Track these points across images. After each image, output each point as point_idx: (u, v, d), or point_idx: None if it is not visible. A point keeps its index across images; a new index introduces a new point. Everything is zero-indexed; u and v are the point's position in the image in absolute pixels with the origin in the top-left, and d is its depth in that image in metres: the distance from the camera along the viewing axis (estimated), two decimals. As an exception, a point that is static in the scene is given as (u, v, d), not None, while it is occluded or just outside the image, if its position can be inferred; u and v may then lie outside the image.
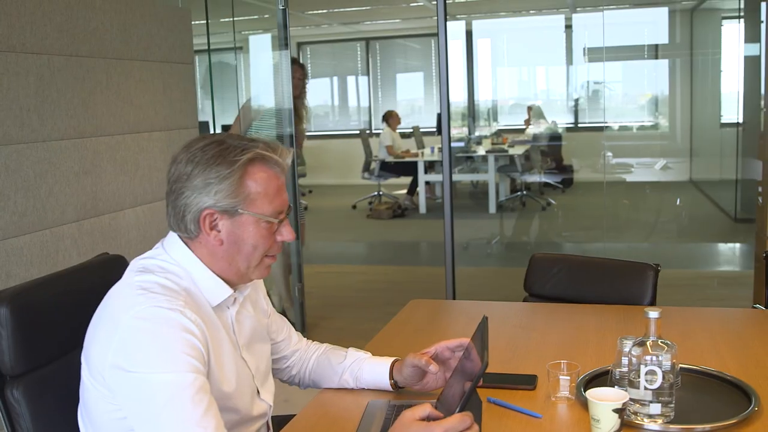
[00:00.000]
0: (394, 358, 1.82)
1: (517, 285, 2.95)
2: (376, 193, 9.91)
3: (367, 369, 1.81)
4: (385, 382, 1.79)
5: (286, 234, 1.50)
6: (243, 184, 1.42)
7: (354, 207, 9.89)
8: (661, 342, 1.62)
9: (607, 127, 9.51)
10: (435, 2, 4.25)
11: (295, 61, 4.75)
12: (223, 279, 1.49)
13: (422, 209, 9.34)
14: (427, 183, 9.40)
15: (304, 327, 4.70)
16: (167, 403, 1.28)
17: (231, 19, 5.44)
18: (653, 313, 1.62)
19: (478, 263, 6.82)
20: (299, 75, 4.80)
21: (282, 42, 4.65)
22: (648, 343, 1.62)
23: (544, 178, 9.42)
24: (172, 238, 1.50)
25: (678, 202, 8.51)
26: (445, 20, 4.38)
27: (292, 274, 4.78)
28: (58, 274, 1.67)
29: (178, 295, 1.39)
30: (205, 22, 4.63)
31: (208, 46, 4.58)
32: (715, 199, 8.46)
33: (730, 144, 8.10)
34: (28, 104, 2.68)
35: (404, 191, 9.62)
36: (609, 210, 7.63)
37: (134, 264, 1.48)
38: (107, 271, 1.68)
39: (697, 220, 8.12)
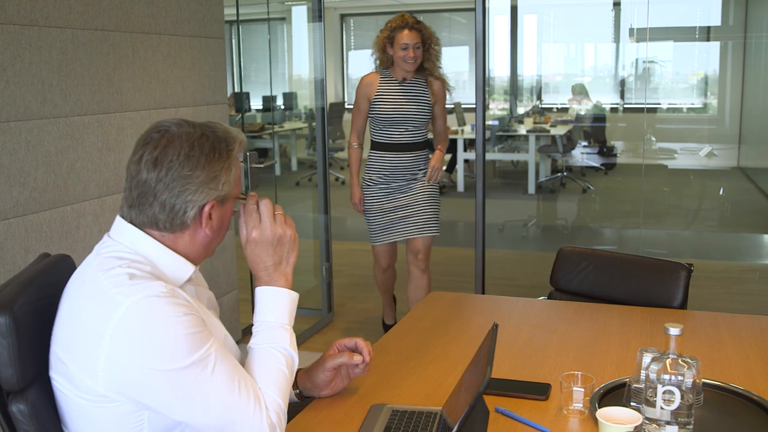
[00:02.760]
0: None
1: (549, 272, 2.85)
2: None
3: None
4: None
5: (233, 211, 1.56)
6: (235, 171, 1.48)
7: (391, 182, 9.81)
8: (682, 360, 1.53)
9: (654, 108, 9.25)
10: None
11: (404, 23, 3.84)
12: (185, 258, 1.48)
13: (460, 187, 9.21)
14: (466, 161, 9.26)
15: (330, 307, 4.66)
16: (211, 379, 1.34)
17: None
18: (674, 330, 1.53)
19: (513, 246, 6.70)
20: (413, 40, 3.80)
21: (315, 14, 4.56)
22: (667, 361, 1.53)
23: (586, 160, 9.22)
24: (121, 226, 1.46)
25: (721, 192, 8.26)
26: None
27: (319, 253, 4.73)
28: (31, 278, 1.53)
29: (154, 279, 1.37)
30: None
31: (237, 17, 4.50)
32: (763, 187, 8.19)
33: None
34: (51, 79, 2.64)
35: (444, 168, 9.50)
36: (649, 195, 7.44)
37: (91, 263, 1.43)
38: (59, 272, 1.58)
39: (742, 210, 7.87)
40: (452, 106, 10.62)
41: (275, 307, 1.54)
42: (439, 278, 5.27)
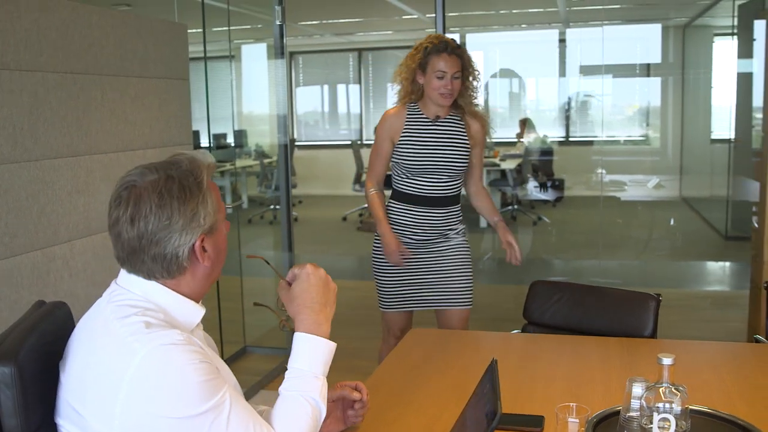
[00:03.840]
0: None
1: (511, 303, 2.95)
2: (366, 205, 9.85)
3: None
4: None
5: (228, 225, 1.57)
6: (212, 199, 1.47)
7: (344, 219, 9.84)
8: (674, 389, 1.59)
9: (598, 141, 9.51)
10: (432, 15, 4.24)
11: (442, 45, 3.05)
12: (191, 299, 1.48)
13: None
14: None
15: (295, 345, 4.64)
16: (228, 425, 1.34)
17: (227, 28, 5.40)
18: (667, 360, 1.59)
19: (470, 279, 6.77)
20: (452, 67, 3.04)
21: (278, 54, 4.61)
22: (661, 389, 1.58)
23: (535, 194, 9.40)
24: (127, 275, 1.46)
25: (672, 222, 8.51)
26: (444, 33, 4.36)
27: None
28: (32, 326, 1.52)
29: (169, 327, 1.38)
30: (196, 31, 4.58)
31: (205, 54, 4.52)
32: (705, 216, 8.47)
33: (720, 161, 8.12)
34: (22, 122, 2.61)
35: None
36: (600, 227, 7.62)
37: (104, 310, 1.43)
38: (58, 320, 1.58)
39: (689, 239, 8.12)
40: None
41: (312, 355, 1.54)
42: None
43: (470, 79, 3.14)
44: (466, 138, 3.17)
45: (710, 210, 8.43)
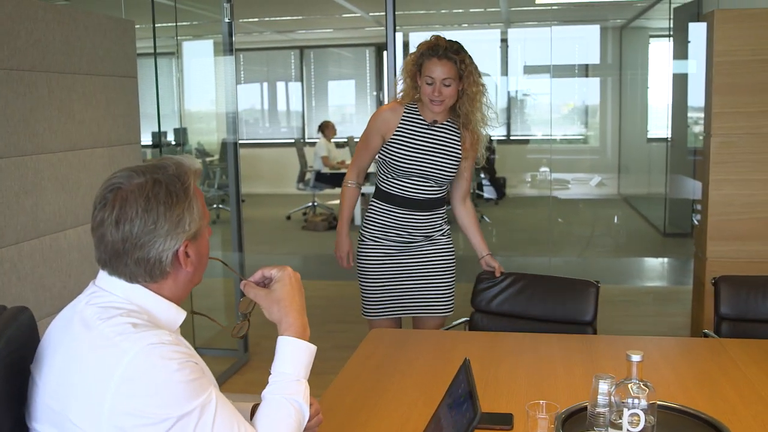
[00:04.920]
0: (254, 403, 1.72)
1: (458, 300, 3.03)
2: (310, 204, 9.82)
3: None
4: None
5: (210, 231, 1.55)
6: (198, 205, 1.46)
7: (288, 218, 9.78)
8: (643, 384, 1.62)
9: (537, 140, 9.66)
10: (375, 14, 4.24)
11: (433, 48, 2.88)
12: (172, 301, 1.48)
13: (357, 220, 9.29)
14: (362, 194, 9.34)
15: (246, 347, 4.58)
16: (213, 425, 1.33)
17: (174, 24, 5.32)
18: (636, 357, 1.62)
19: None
20: (442, 73, 2.86)
21: (227, 51, 4.56)
22: (630, 385, 1.62)
23: (477, 191, 9.49)
24: (107, 277, 1.44)
25: (615, 220, 8.70)
26: (395, 32, 4.38)
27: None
28: None
29: (156, 328, 1.37)
30: (143, 26, 4.50)
31: (155, 50, 4.43)
32: (644, 214, 8.68)
33: (657, 159, 8.33)
34: (-34, 121, 2.52)
35: (338, 202, 9.55)
36: (543, 224, 7.74)
37: (83, 311, 1.39)
38: (22, 326, 1.53)
39: (629, 236, 8.31)
40: (345, 139, 10.72)
41: (296, 359, 1.54)
42: (346, 312, 5.29)
43: (472, 87, 2.91)
44: (459, 147, 2.99)
45: (648, 207, 8.66)
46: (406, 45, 9.77)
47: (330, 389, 2.07)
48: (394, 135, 2.98)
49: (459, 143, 3.00)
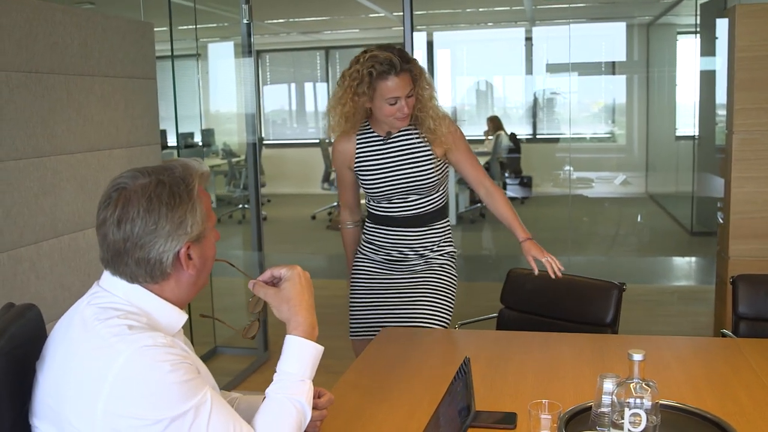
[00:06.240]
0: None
1: (482, 300, 3.03)
2: (335, 203, 9.85)
3: (243, 408, 1.73)
4: None
5: (217, 235, 1.57)
6: (201, 208, 1.46)
7: (313, 217, 9.82)
8: (645, 384, 1.61)
9: (564, 138, 9.59)
10: (399, 13, 4.23)
11: (388, 66, 2.60)
12: (175, 304, 1.48)
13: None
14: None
15: (266, 346, 4.62)
16: (208, 425, 1.34)
17: (194, 26, 5.36)
18: (637, 356, 1.60)
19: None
20: (404, 89, 2.64)
21: (246, 53, 4.59)
22: (632, 385, 1.60)
23: (503, 190, 9.44)
24: (112, 279, 1.46)
25: (639, 219, 8.61)
26: (412, 32, 4.37)
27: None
28: (2, 329, 1.48)
29: (152, 330, 1.38)
30: (162, 29, 4.55)
31: (172, 53, 4.48)
32: (671, 212, 8.59)
33: (685, 157, 8.23)
34: (-15, 123, 2.57)
35: (364, 201, 9.58)
36: (568, 223, 7.68)
37: (83, 311, 1.42)
38: (28, 323, 1.56)
39: (655, 234, 8.22)
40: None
41: (303, 359, 1.54)
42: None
43: (425, 86, 2.71)
44: (426, 150, 2.76)
45: (676, 206, 8.55)
46: (430, 44, 9.80)
47: (337, 386, 2.08)
48: (356, 162, 2.81)
49: (424, 145, 2.76)
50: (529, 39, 9.87)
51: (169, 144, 9.98)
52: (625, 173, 9.37)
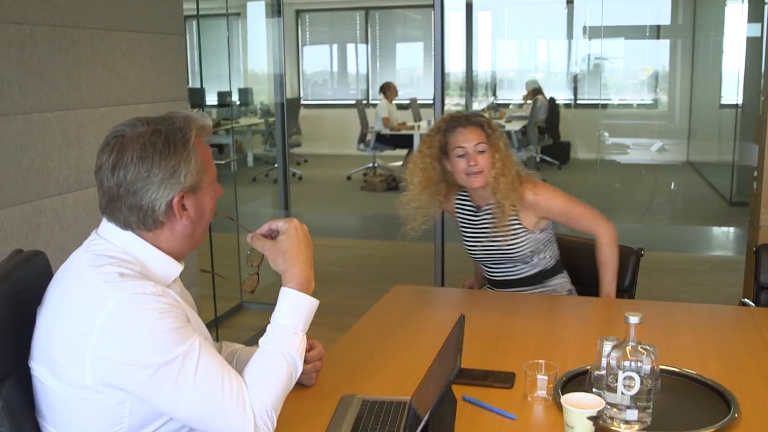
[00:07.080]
0: None
1: None
2: (370, 164, 9.85)
3: (244, 358, 1.75)
4: None
5: (219, 190, 1.57)
6: (197, 158, 1.47)
7: (348, 178, 9.84)
8: (641, 347, 1.59)
9: (606, 104, 9.43)
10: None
11: (454, 120, 2.64)
12: (171, 255, 1.50)
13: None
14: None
15: (291, 302, 4.67)
16: (195, 373, 1.36)
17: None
18: (633, 318, 1.59)
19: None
20: (472, 139, 2.57)
21: (275, 10, 4.58)
22: (627, 348, 1.59)
23: (540, 155, 9.35)
24: (108, 226, 1.48)
25: (673, 186, 8.46)
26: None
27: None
28: (6, 273, 1.52)
29: (143, 279, 1.40)
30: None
31: (198, 12, 4.48)
32: (711, 181, 8.42)
33: (728, 126, 8.05)
34: (9, 76, 2.61)
35: (400, 163, 9.57)
36: (603, 189, 7.59)
37: (80, 258, 1.45)
38: (34, 268, 1.60)
39: (692, 203, 8.08)
40: (408, 101, 10.67)
41: (297, 311, 1.55)
42: (399, 273, 5.32)
43: (502, 151, 2.59)
44: (514, 222, 2.60)
45: (716, 175, 8.39)
46: (469, 6, 9.66)
47: (340, 341, 2.10)
48: (459, 226, 2.79)
49: (512, 216, 2.60)
50: (570, 2, 9.67)
51: (209, 103, 10.07)
52: (663, 140, 9.19)
